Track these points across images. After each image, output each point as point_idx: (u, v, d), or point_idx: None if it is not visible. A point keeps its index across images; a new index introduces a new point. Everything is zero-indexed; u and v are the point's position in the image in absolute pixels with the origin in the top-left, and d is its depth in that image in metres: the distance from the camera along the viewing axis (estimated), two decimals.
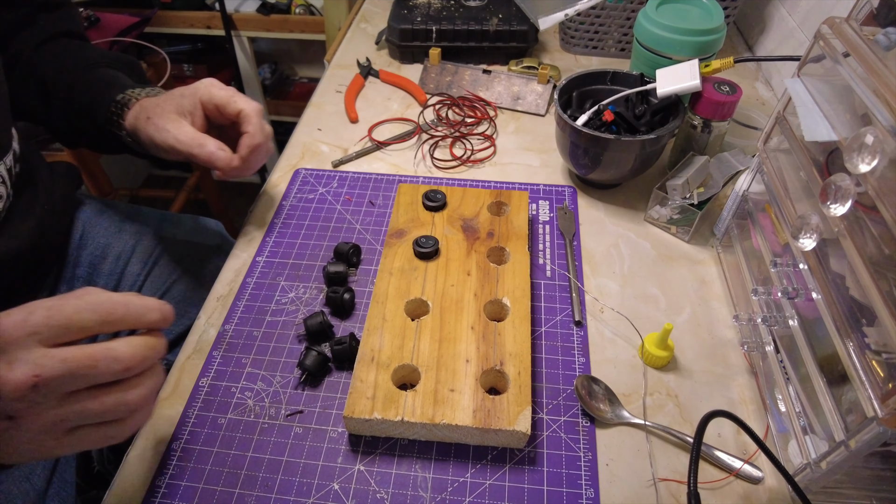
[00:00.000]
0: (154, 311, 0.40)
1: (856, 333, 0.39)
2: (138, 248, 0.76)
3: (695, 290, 0.64)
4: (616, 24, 0.96)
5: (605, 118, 0.69)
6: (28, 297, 0.60)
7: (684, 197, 0.66)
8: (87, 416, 0.37)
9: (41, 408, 0.36)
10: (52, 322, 0.35)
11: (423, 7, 0.99)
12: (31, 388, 0.34)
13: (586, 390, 0.54)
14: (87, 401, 0.37)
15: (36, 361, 0.34)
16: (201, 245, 0.80)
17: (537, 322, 0.60)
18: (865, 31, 0.45)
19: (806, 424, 0.45)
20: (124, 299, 0.39)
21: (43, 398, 0.35)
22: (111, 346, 0.37)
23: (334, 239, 0.69)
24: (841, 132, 0.44)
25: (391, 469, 0.50)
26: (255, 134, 0.60)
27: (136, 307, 0.39)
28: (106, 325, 0.37)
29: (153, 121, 0.58)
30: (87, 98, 0.63)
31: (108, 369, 0.36)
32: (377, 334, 0.54)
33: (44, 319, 0.35)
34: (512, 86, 0.90)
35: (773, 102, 0.90)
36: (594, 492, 0.48)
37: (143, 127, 0.59)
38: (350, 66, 0.99)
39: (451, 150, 0.81)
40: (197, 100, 0.60)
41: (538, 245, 0.68)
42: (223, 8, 1.64)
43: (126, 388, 0.38)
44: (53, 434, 0.37)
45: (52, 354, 0.35)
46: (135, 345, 0.38)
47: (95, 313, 0.37)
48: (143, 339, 0.39)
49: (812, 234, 0.45)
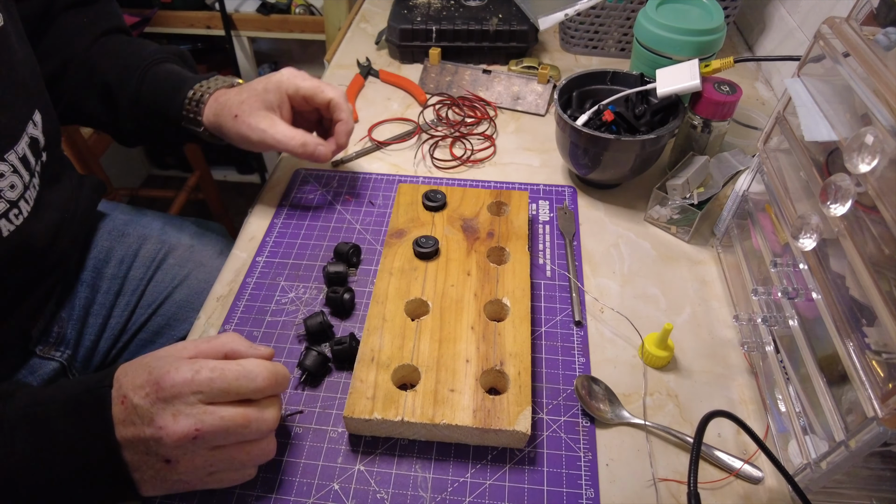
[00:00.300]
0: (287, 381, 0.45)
1: (856, 333, 0.39)
2: (141, 253, 0.76)
3: (695, 290, 0.64)
4: (616, 24, 0.96)
5: (605, 118, 0.69)
6: (28, 294, 0.59)
7: (684, 197, 0.66)
8: (232, 464, 0.42)
9: (195, 455, 0.40)
10: (215, 386, 0.40)
11: (423, 7, 0.99)
12: (192, 440, 0.39)
13: (586, 390, 0.54)
14: (235, 451, 0.42)
15: (198, 417, 0.39)
16: (204, 249, 0.80)
17: (537, 322, 0.60)
18: (865, 30, 0.45)
19: (806, 424, 0.45)
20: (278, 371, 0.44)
21: (198, 447, 0.40)
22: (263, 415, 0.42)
23: (334, 239, 0.69)
24: (841, 132, 0.44)
25: (391, 469, 0.50)
26: (349, 120, 0.64)
27: (282, 378, 0.44)
28: (258, 394, 0.42)
29: (243, 119, 0.60)
30: (159, 97, 0.64)
31: (258, 430, 0.42)
32: (377, 334, 0.54)
33: (208, 382, 0.40)
34: (512, 86, 0.90)
35: (773, 102, 0.90)
36: (594, 492, 0.48)
37: (232, 125, 0.61)
38: (350, 66, 0.99)
39: (451, 150, 0.81)
40: (283, 93, 0.62)
41: (538, 245, 0.68)
42: (223, 8, 1.64)
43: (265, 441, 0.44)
44: (198, 475, 0.41)
45: (213, 412, 0.40)
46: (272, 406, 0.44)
47: (253, 383, 0.42)
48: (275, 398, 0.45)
49: (812, 234, 0.45)
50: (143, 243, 0.76)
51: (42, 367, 0.62)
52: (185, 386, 0.39)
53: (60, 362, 0.64)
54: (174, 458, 0.40)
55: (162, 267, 0.76)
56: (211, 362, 0.41)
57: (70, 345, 0.66)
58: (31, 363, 0.62)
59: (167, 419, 0.39)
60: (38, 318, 0.63)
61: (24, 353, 0.62)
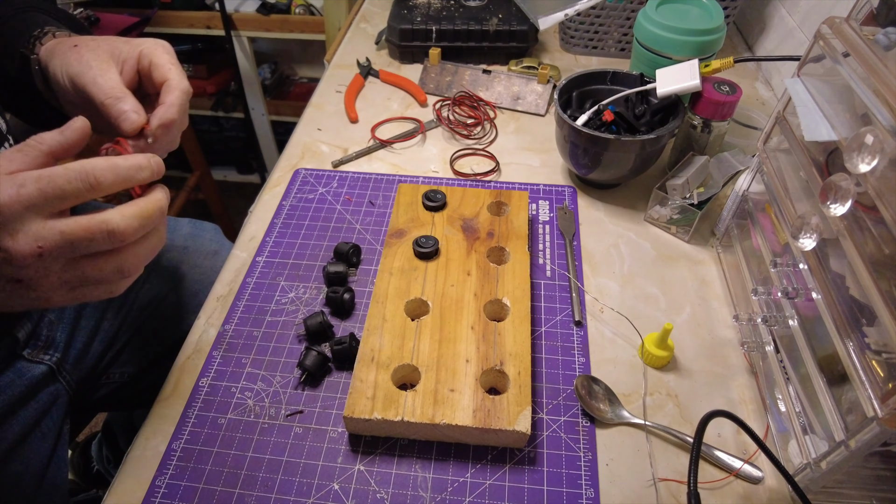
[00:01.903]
0: (144, 170, 0.41)
1: (856, 333, 0.39)
2: None
3: (695, 290, 0.64)
4: (616, 24, 0.96)
5: (604, 118, 0.69)
6: None
7: (684, 197, 0.66)
8: (88, 279, 0.40)
9: (47, 272, 0.39)
10: (46, 194, 0.37)
11: (423, 7, 0.99)
12: (37, 257, 0.37)
13: (586, 390, 0.54)
14: (87, 267, 0.40)
15: (38, 234, 0.37)
16: (199, 249, 0.79)
17: (537, 322, 0.60)
18: (865, 30, 0.45)
19: (806, 424, 0.45)
20: (111, 163, 0.40)
21: (47, 264, 0.38)
22: (106, 219, 0.39)
23: (334, 239, 0.69)
24: (841, 132, 0.44)
25: (391, 469, 0.50)
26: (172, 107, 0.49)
27: (124, 170, 0.40)
28: (98, 191, 0.39)
29: (80, 50, 0.50)
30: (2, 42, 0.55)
31: (105, 240, 0.39)
32: (377, 334, 0.54)
33: (37, 192, 0.37)
34: (512, 86, 0.91)
35: (772, 102, 0.90)
36: (594, 492, 0.48)
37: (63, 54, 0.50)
38: (350, 66, 0.99)
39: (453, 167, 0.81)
40: (137, 51, 0.52)
41: (538, 245, 0.68)
42: (223, 8, 1.64)
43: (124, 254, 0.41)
44: (59, 292, 0.40)
45: (52, 227, 0.37)
46: (129, 216, 0.39)
47: (86, 182, 0.38)
48: (138, 208, 0.40)
49: (812, 234, 0.45)
50: None
51: (30, 370, 0.61)
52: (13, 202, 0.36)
53: (49, 365, 0.63)
54: (25, 278, 0.38)
55: (156, 269, 0.76)
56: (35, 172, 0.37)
57: (59, 348, 0.65)
58: (17, 366, 0.61)
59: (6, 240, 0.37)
60: (24, 321, 0.62)
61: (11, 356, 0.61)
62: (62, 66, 0.50)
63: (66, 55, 0.50)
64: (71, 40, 0.52)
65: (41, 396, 0.60)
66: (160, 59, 0.51)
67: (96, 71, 0.49)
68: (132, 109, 0.48)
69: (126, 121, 0.47)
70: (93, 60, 0.50)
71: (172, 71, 0.51)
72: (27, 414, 0.58)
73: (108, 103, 0.48)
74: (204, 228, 0.84)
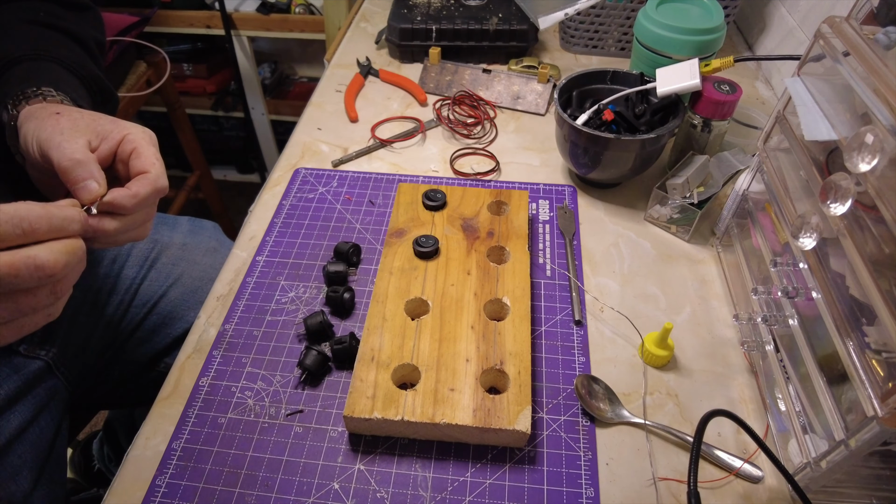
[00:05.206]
0: (75, 223, 0.40)
1: (856, 333, 0.39)
2: (134, 252, 0.75)
3: (695, 290, 0.64)
4: (616, 23, 0.96)
5: (604, 117, 0.69)
6: None
7: (684, 196, 0.66)
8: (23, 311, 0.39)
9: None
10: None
11: (423, 6, 0.99)
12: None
13: (586, 389, 0.54)
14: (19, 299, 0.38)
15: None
16: (197, 247, 0.80)
17: (537, 321, 0.60)
18: (865, 30, 0.45)
19: (806, 423, 0.45)
20: (45, 212, 0.38)
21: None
22: (32, 255, 0.37)
23: (334, 238, 0.69)
24: (841, 131, 0.44)
25: (391, 468, 0.50)
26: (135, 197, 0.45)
27: (58, 221, 0.39)
28: (28, 238, 0.38)
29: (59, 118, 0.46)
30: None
31: (32, 277, 0.37)
32: (377, 334, 0.54)
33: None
34: (512, 85, 0.90)
35: (773, 102, 0.90)
36: (594, 491, 0.48)
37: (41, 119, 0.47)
38: (350, 65, 0.99)
39: (454, 167, 0.81)
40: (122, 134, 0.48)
41: (538, 244, 0.68)
42: (223, 7, 1.64)
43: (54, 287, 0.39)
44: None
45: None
46: (57, 251, 0.38)
47: (18, 227, 0.37)
48: (65, 244, 0.39)
49: (812, 234, 0.45)
50: (135, 242, 0.76)
51: (26, 365, 0.61)
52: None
53: (46, 361, 0.63)
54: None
55: (155, 266, 0.76)
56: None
57: (57, 343, 0.65)
58: (14, 361, 0.61)
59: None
60: None
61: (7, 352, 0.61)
62: (35, 130, 0.47)
63: (43, 121, 0.47)
64: (55, 107, 0.48)
65: (38, 391, 0.60)
66: (145, 151, 0.48)
67: (65, 136, 0.45)
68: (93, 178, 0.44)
69: (84, 189, 0.44)
70: (67, 129, 0.46)
71: (156, 166, 0.48)
72: (25, 409, 0.58)
73: (67, 167, 0.44)
74: (203, 226, 0.84)
